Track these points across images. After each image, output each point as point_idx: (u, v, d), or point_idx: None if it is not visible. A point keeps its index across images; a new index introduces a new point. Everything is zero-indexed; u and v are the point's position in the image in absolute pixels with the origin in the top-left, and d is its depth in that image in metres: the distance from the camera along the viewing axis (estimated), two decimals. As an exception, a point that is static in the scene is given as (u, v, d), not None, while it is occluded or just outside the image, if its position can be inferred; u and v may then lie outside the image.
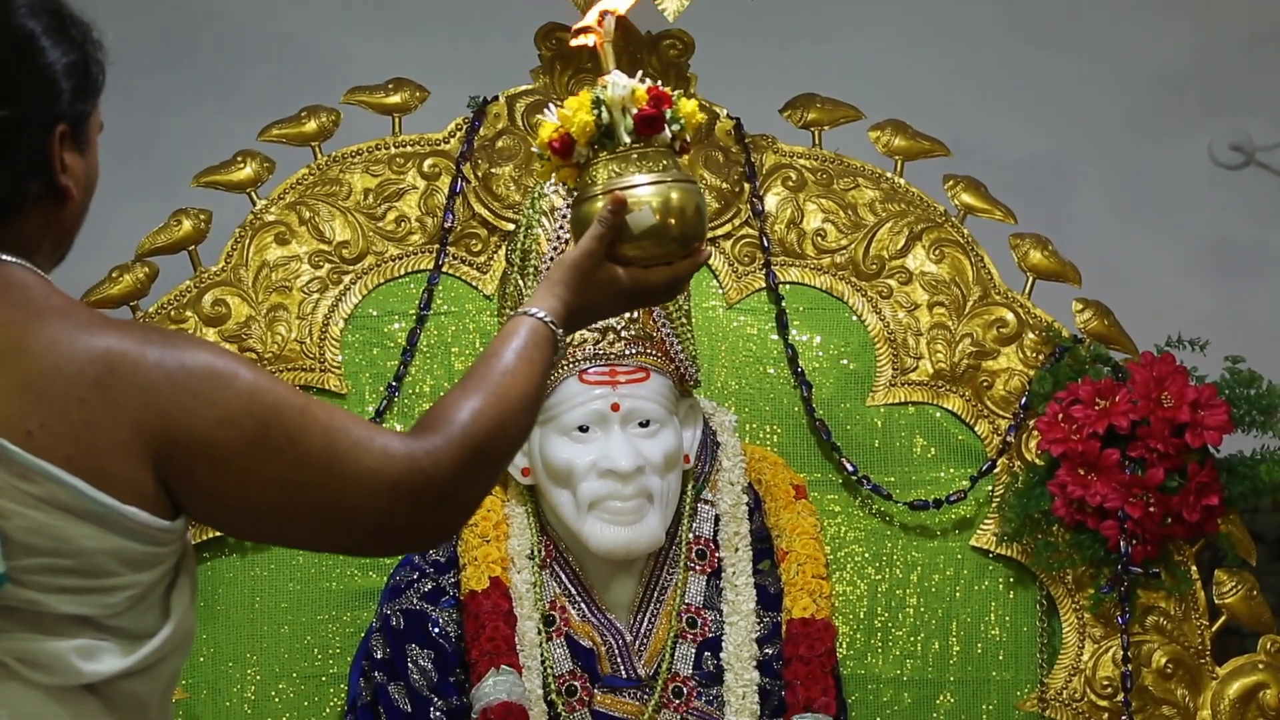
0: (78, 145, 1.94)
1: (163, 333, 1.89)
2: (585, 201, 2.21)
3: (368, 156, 3.55)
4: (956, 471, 3.53)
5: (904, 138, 3.59)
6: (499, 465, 2.01)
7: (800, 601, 3.30)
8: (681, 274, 2.21)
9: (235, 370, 1.87)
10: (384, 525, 1.92)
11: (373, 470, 1.89)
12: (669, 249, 2.19)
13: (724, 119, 3.58)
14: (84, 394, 1.82)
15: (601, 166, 2.22)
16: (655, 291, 2.21)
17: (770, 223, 3.57)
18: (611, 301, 2.19)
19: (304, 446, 1.87)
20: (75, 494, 1.81)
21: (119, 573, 1.83)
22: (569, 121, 2.23)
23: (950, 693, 3.50)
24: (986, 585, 3.52)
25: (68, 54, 1.92)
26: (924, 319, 3.56)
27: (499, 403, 1.99)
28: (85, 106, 1.94)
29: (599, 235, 2.16)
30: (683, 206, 2.19)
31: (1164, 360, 3.41)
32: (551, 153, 2.24)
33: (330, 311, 3.50)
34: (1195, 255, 4.73)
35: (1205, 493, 3.36)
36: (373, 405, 3.48)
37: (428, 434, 1.95)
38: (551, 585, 3.32)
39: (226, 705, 3.43)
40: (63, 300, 1.89)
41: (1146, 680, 3.44)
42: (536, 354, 2.06)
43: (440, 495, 1.93)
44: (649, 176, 2.20)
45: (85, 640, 1.83)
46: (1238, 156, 4.81)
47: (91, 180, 1.98)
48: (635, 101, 2.22)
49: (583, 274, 2.15)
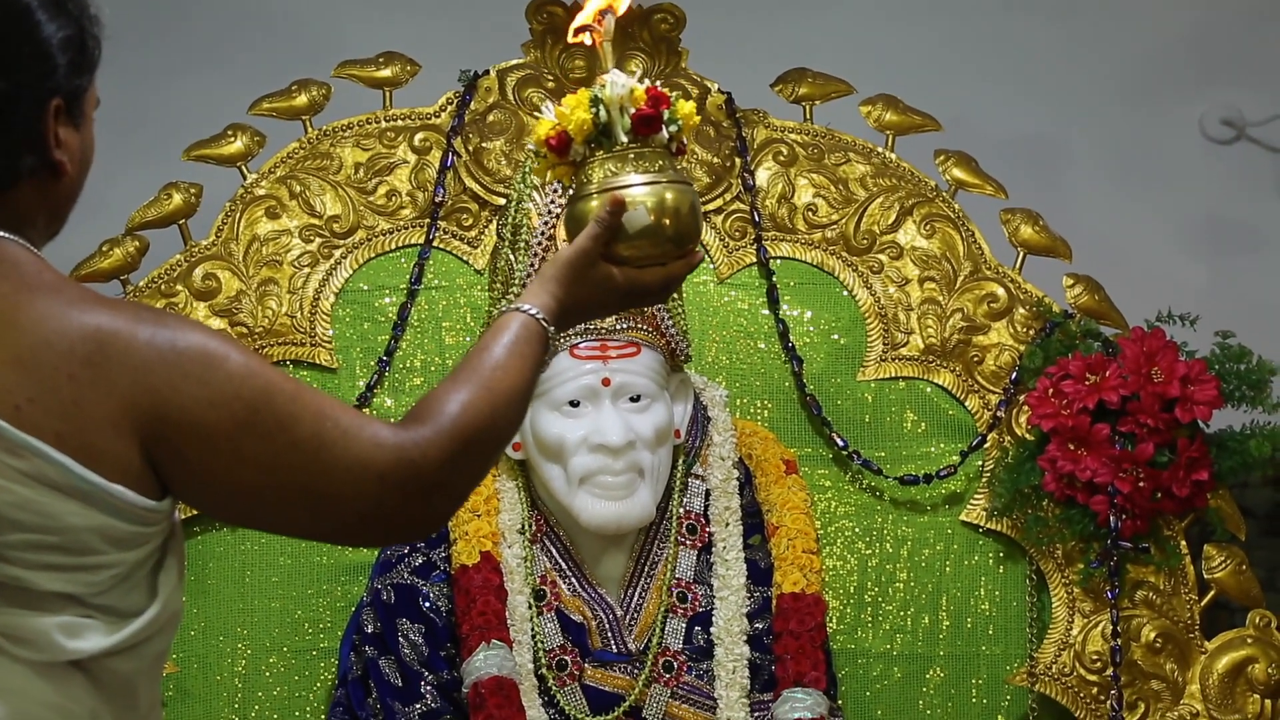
0: (73, 120, 1.93)
1: (155, 312, 1.88)
2: (580, 200, 2.21)
3: (358, 130, 3.55)
4: (947, 446, 3.54)
5: (895, 112, 3.59)
6: (487, 458, 2.01)
7: (790, 576, 3.30)
8: (675, 275, 2.21)
9: (227, 353, 1.87)
10: (371, 514, 1.91)
11: (361, 459, 1.89)
12: (664, 249, 2.18)
13: (715, 93, 3.58)
14: (74, 371, 1.82)
15: (598, 165, 2.22)
16: (649, 292, 2.21)
17: (761, 198, 3.57)
18: (604, 300, 2.19)
19: (293, 432, 1.87)
20: (63, 471, 1.80)
21: (104, 551, 1.83)
22: (566, 119, 2.22)
23: (940, 667, 3.51)
24: (976, 560, 3.53)
25: (64, 28, 1.91)
26: (915, 294, 3.56)
27: (489, 396, 1.99)
28: (81, 81, 1.93)
29: (595, 235, 2.16)
30: (678, 207, 2.19)
31: (1154, 335, 3.41)
32: (548, 150, 2.23)
33: (321, 286, 3.50)
34: (1186, 230, 4.73)
35: (1195, 468, 3.37)
36: (363, 380, 3.48)
37: (417, 425, 1.94)
38: (542, 560, 3.32)
39: (217, 679, 3.43)
40: (55, 276, 1.88)
41: (1135, 655, 3.45)
42: (527, 349, 2.06)
43: (428, 486, 1.93)
44: (645, 176, 2.19)
45: (69, 617, 1.83)
46: (1229, 131, 4.81)
47: (87, 156, 1.97)
48: (633, 101, 2.22)
49: (577, 272, 2.14)
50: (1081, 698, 3.44)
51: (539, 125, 2.25)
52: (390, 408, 3.49)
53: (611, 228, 2.16)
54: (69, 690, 1.84)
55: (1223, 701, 3.45)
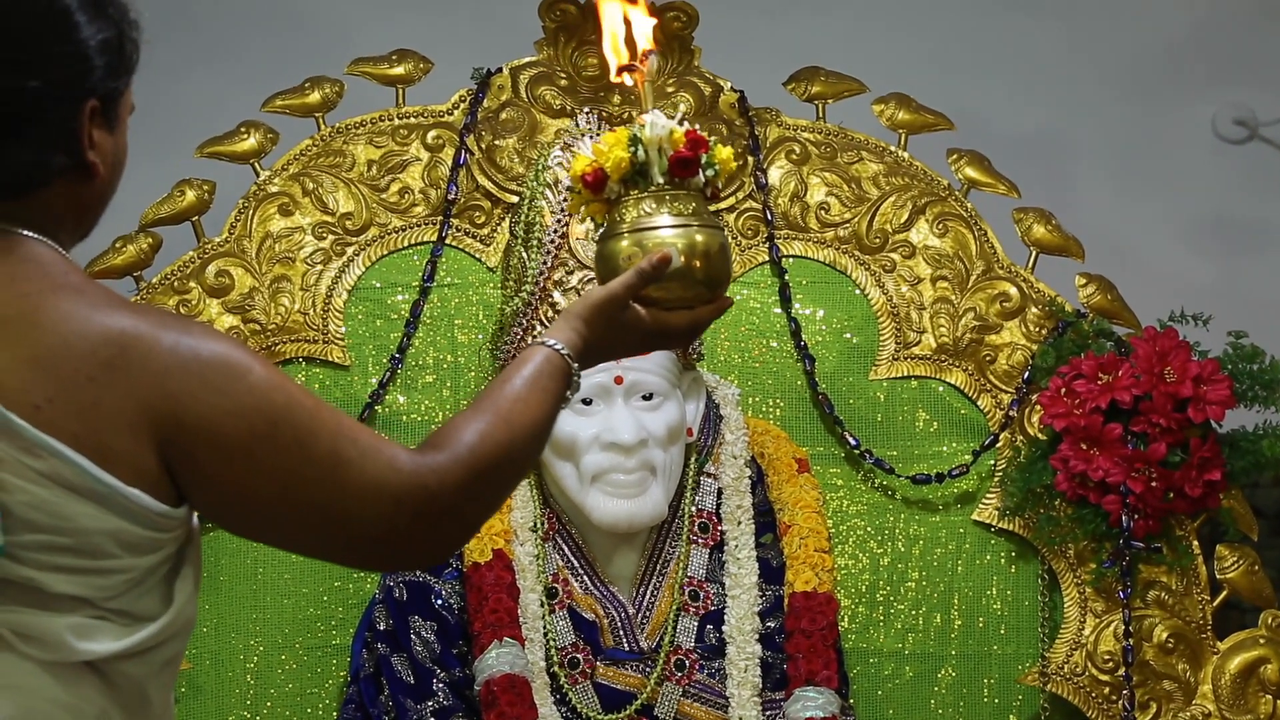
0: (107, 122, 1.93)
1: (179, 319, 1.88)
2: (612, 238, 2.20)
3: (371, 128, 3.55)
4: (959, 446, 3.54)
5: (908, 111, 3.59)
6: (502, 489, 2.01)
7: (802, 575, 3.30)
8: (702, 319, 2.21)
9: (250, 364, 1.86)
10: (382, 537, 1.91)
11: (377, 480, 1.89)
12: (694, 292, 2.18)
13: (728, 92, 3.58)
14: (94, 372, 1.82)
15: (632, 205, 2.21)
16: (675, 334, 2.20)
17: (774, 196, 3.57)
18: (630, 341, 2.18)
19: (311, 448, 1.87)
20: (79, 472, 1.80)
21: (116, 555, 1.83)
22: (604, 156, 2.22)
23: (951, 666, 3.51)
24: (988, 559, 3.53)
25: (103, 30, 1.91)
26: (927, 293, 3.56)
27: (507, 428, 1.99)
28: (118, 84, 1.93)
29: (630, 284, 2.15)
30: (710, 251, 2.18)
31: (1167, 335, 3.41)
32: (583, 186, 2.23)
33: (334, 283, 3.50)
34: (1198, 230, 4.73)
35: (1207, 468, 3.37)
36: (376, 377, 3.49)
37: (434, 451, 1.94)
38: (554, 558, 3.32)
39: (229, 676, 3.43)
40: (80, 278, 1.88)
41: (1147, 655, 3.45)
42: (550, 384, 2.06)
43: (441, 513, 1.92)
44: (679, 219, 2.19)
45: (81, 619, 1.82)
46: (1241, 131, 4.81)
47: (120, 159, 1.97)
48: (672, 143, 2.21)
49: (605, 314, 2.14)
50: (1093, 697, 3.44)
51: (576, 161, 2.25)
52: (402, 405, 3.50)
53: (651, 280, 2.15)
54: (79, 690, 1.83)
55: (1235, 702, 3.45)
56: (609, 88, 3.54)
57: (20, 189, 1.89)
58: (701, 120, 3.54)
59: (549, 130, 3.53)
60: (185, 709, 3.39)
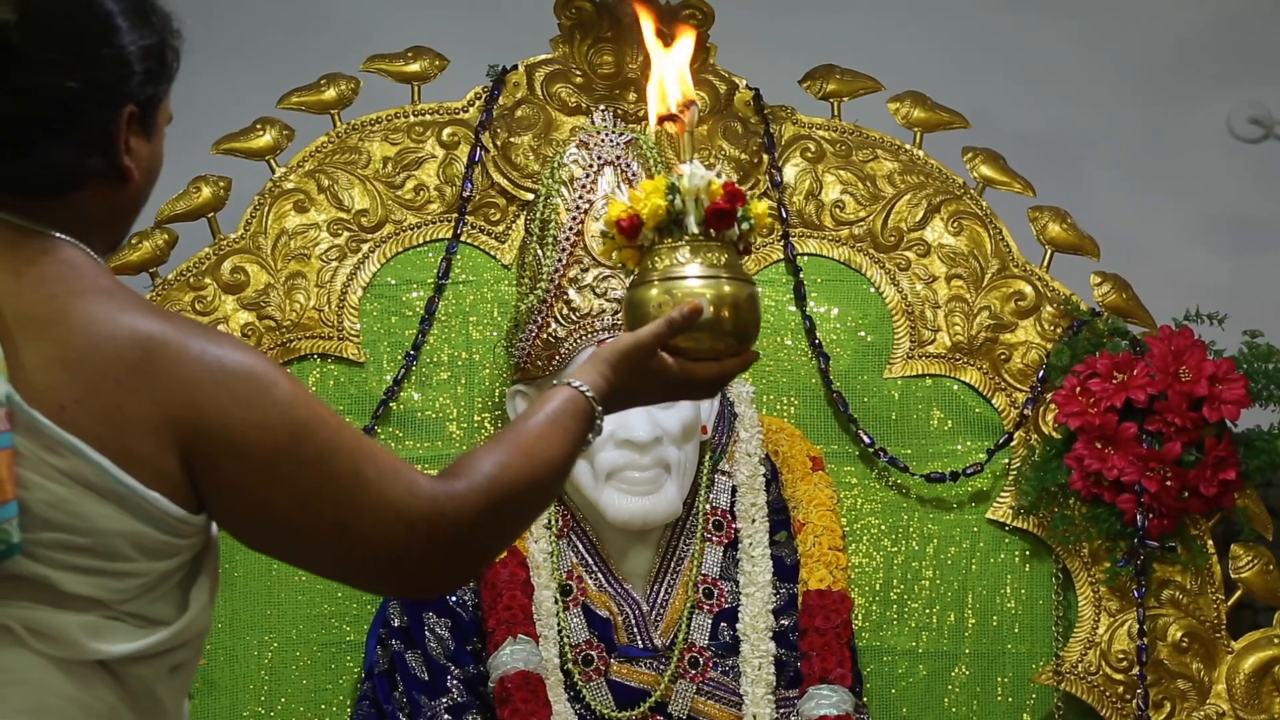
0: (145, 129, 1.94)
1: (208, 329, 1.89)
2: (642, 285, 2.20)
3: (387, 125, 3.55)
4: (973, 444, 3.54)
5: (923, 109, 3.59)
6: (519, 523, 2.02)
7: (816, 573, 3.31)
8: (728, 372, 2.21)
9: (276, 379, 1.87)
10: (396, 560, 1.91)
11: (395, 503, 1.90)
12: (724, 344, 2.18)
13: (743, 89, 3.58)
14: (120, 375, 1.82)
15: (665, 253, 2.21)
16: (699, 385, 2.20)
17: (789, 194, 3.57)
18: (655, 389, 2.18)
19: (331, 465, 1.87)
20: (100, 472, 1.81)
21: (132, 558, 1.83)
22: (640, 203, 2.21)
23: (965, 665, 3.51)
24: (1002, 558, 3.53)
25: (146, 37, 1.92)
26: (942, 291, 3.55)
27: (528, 462, 2.00)
28: (157, 91, 1.94)
29: (659, 333, 2.15)
30: (740, 304, 2.18)
31: (1182, 334, 3.41)
32: (618, 231, 2.22)
33: (349, 280, 3.50)
34: (1214, 229, 4.72)
35: (1222, 467, 3.36)
36: (390, 374, 3.49)
37: (453, 479, 1.95)
38: (568, 555, 3.33)
39: (244, 672, 3.44)
40: (111, 282, 1.89)
41: (1162, 654, 3.45)
42: (572, 424, 2.06)
43: (456, 540, 1.93)
44: (711, 270, 2.19)
45: (94, 618, 1.83)
46: (1256, 130, 4.80)
47: (155, 167, 1.98)
48: (710, 194, 2.20)
49: (633, 361, 2.14)
50: (1107, 697, 3.43)
51: (611, 206, 2.24)
52: (417, 402, 3.50)
53: (682, 329, 2.15)
54: (90, 687, 1.84)
55: (1249, 701, 3.45)
56: (624, 85, 3.54)
57: (55, 190, 1.90)
58: (717, 118, 3.54)
59: (564, 127, 3.53)
60: (200, 705, 3.40)
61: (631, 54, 3.56)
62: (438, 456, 3.49)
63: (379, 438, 3.48)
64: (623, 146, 3.35)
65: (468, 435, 3.51)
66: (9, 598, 1.81)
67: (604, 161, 3.33)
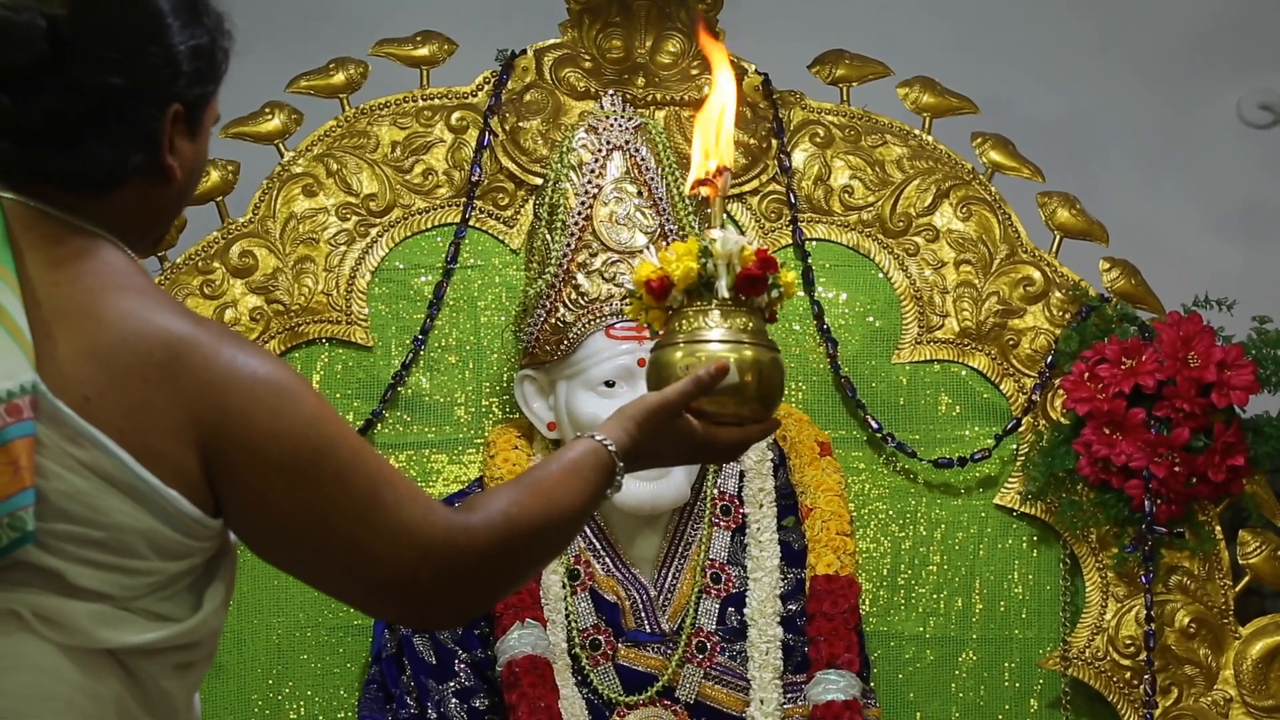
0: (190, 129, 1.94)
1: (240, 337, 1.90)
2: (668, 347, 2.20)
3: (395, 109, 3.55)
4: (981, 430, 3.53)
5: (932, 95, 3.58)
6: (530, 563, 2.02)
7: (824, 558, 3.31)
8: (750, 438, 2.20)
9: (304, 393, 1.88)
10: (404, 586, 1.91)
11: (409, 528, 1.90)
12: (749, 408, 2.18)
13: (752, 74, 3.58)
14: (148, 373, 1.83)
15: (693, 316, 2.21)
16: (721, 450, 2.20)
17: (797, 179, 3.57)
18: (677, 450, 2.18)
19: (350, 484, 1.88)
20: (120, 466, 1.81)
21: (145, 556, 1.83)
22: (671, 265, 2.21)
23: (973, 650, 3.51)
24: (1010, 543, 3.52)
25: (196, 37, 1.93)
26: (950, 277, 3.55)
27: (545, 506, 2.00)
28: (205, 91, 1.95)
29: (686, 392, 2.14)
30: (765, 370, 2.18)
31: (1191, 320, 3.40)
32: (646, 291, 2.22)
33: (357, 264, 3.50)
34: (1223, 215, 4.72)
35: (1230, 453, 3.36)
36: (398, 358, 3.49)
37: (470, 512, 1.96)
38: (576, 540, 3.33)
39: (251, 655, 3.44)
40: (145, 281, 1.89)
41: (1169, 640, 3.45)
42: (592, 475, 2.06)
43: (467, 573, 1.93)
44: (739, 335, 2.19)
45: (104, 607, 1.83)
46: (1266, 116, 4.79)
47: (198, 168, 1.98)
48: (742, 260, 2.20)
49: (658, 420, 2.14)
50: (1115, 682, 3.43)
51: (640, 267, 2.24)
52: (425, 386, 3.50)
53: (708, 389, 2.15)
54: (98, 675, 1.84)
55: (1256, 687, 3.44)
56: (633, 70, 3.54)
57: (97, 186, 1.90)
58: (725, 103, 3.54)
59: (573, 112, 3.53)
60: (208, 688, 3.40)
61: (640, 39, 3.56)
62: (445, 441, 3.49)
63: (387, 422, 3.48)
64: (631, 131, 3.35)
65: (476, 420, 3.51)
66: (19, 585, 1.81)
67: (613, 146, 3.33)
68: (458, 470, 3.49)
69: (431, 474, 3.49)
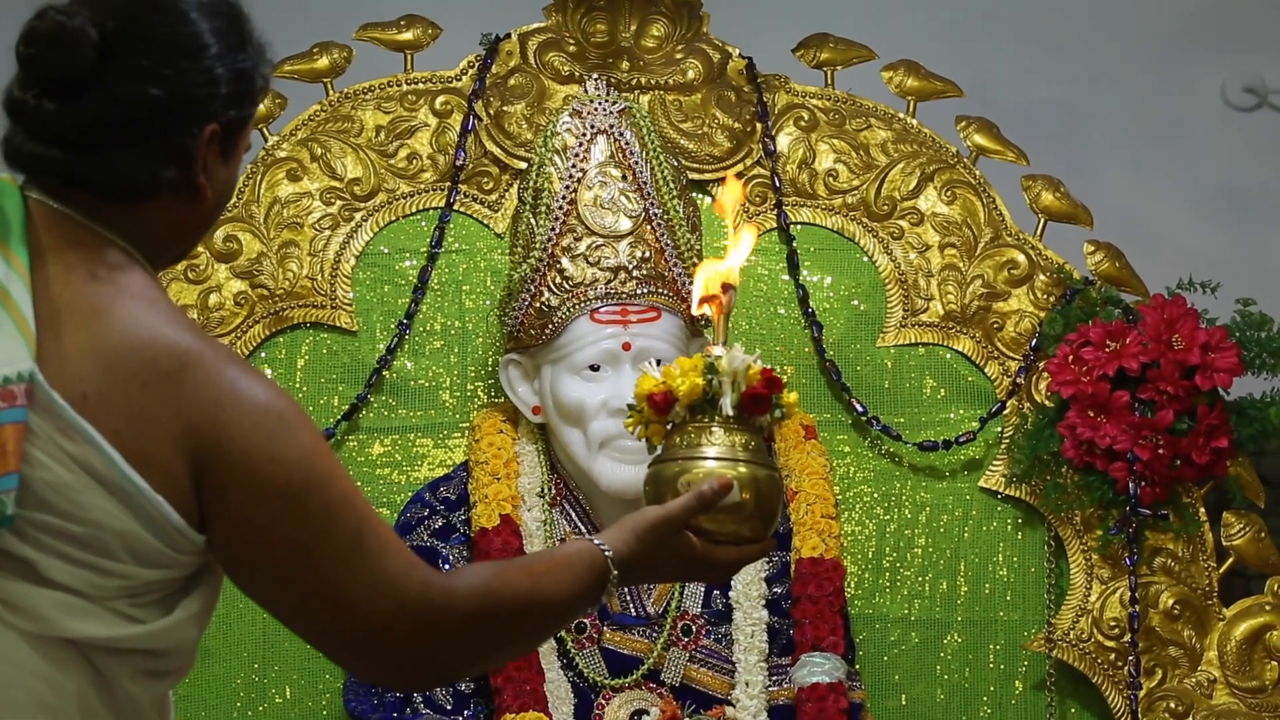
0: (224, 151, 1.96)
1: (244, 361, 1.92)
2: (669, 462, 2.19)
3: (379, 93, 3.55)
4: (966, 413, 3.54)
5: (917, 78, 3.59)
6: (504, 641, 2.00)
7: (809, 541, 3.31)
8: (747, 557, 2.20)
9: (303, 425, 1.89)
10: (374, 635, 1.91)
11: (388, 577, 1.90)
12: (748, 527, 2.17)
13: (736, 58, 3.58)
14: (149, 380, 1.84)
15: (694, 432, 2.20)
16: (716, 568, 2.19)
17: (782, 163, 3.57)
18: (674, 566, 2.18)
19: (336, 522, 1.88)
20: (110, 464, 1.82)
21: (121, 559, 1.84)
22: (675, 380, 2.20)
23: (957, 632, 3.52)
24: (995, 526, 3.53)
25: (240, 61, 1.95)
26: (935, 260, 3.55)
27: (530, 587, 2.00)
28: (241, 114, 1.96)
29: (689, 508, 2.14)
30: (764, 490, 2.18)
31: (1175, 303, 3.41)
32: (648, 405, 2.22)
33: (341, 249, 3.50)
34: (1207, 198, 4.72)
35: (1214, 435, 3.37)
36: (383, 343, 3.49)
37: (452, 577, 1.97)
38: (561, 523, 3.33)
39: (237, 639, 3.44)
40: (158, 294, 1.91)
41: (1153, 621, 3.45)
42: (585, 575, 2.06)
43: (438, 636, 1.93)
44: (740, 453, 2.18)
45: (72, 598, 1.83)
46: (1250, 99, 4.80)
47: (227, 190, 2.00)
48: (748, 379, 2.20)
49: (658, 533, 2.13)
50: (1099, 664, 3.44)
51: (642, 380, 2.23)
52: (410, 371, 3.50)
53: (709, 505, 2.14)
54: (61, 666, 1.84)
55: (1240, 668, 3.45)
56: (617, 54, 3.54)
57: (126, 196, 1.92)
58: (710, 87, 3.54)
59: (557, 96, 3.52)
60: (193, 672, 3.37)
61: (624, 23, 3.55)
62: (430, 425, 3.49)
63: (372, 406, 3.48)
64: (616, 115, 3.35)
65: (461, 404, 3.51)
66: None
67: (597, 130, 3.33)
68: (443, 454, 3.49)
69: (416, 458, 3.49)
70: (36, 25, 1.89)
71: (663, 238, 3.29)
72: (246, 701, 3.44)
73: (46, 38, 1.88)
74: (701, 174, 3.53)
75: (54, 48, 1.87)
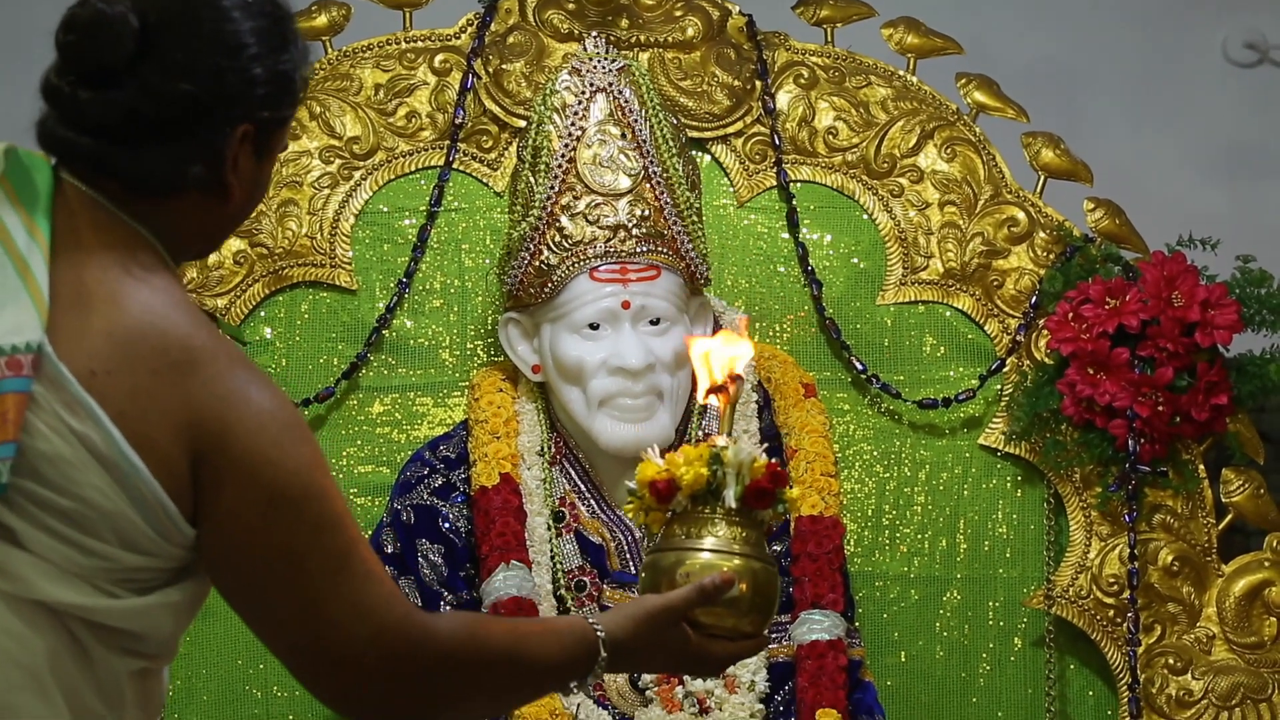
0: (257, 150, 1.95)
1: (256, 366, 1.91)
2: (669, 551, 2.18)
3: (379, 51, 3.54)
4: (966, 370, 3.54)
5: (917, 35, 3.58)
6: (471, 694, 1.98)
7: (809, 499, 3.31)
8: (742, 654, 2.20)
9: (307, 438, 1.90)
10: (345, 661, 1.90)
11: (369, 603, 1.90)
12: (748, 620, 2.16)
13: (736, 16, 3.57)
14: (158, 366, 1.84)
15: (697, 522, 2.18)
16: (710, 662, 2.18)
17: (782, 121, 3.56)
18: (668, 658, 2.17)
19: (325, 539, 1.88)
20: (110, 441, 1.82)
21: (105, 539, 1.84)
22: (678, 468, 2.18)
23: (957, 590, 3.52)
24: (994, 483, 3.53)
25: (279, 63, 1.94)
26: (935, 218, 3.55)
27: (513, 644, 2.00)
28: (277, 116, 1.95)
29: (689, 599, 2.13)
30: (762, 585, 2.17)
31: (1175, 259, 3.41)
32: (650, 492, 2.20)
33: (341, 207, 3.50)
34: (1207, 154, 4.72)
35: (1214, 392, 3.37)
36: (383, 301, 3.49)
37: (436, 618, 1.97)
38: (561, 481, 3.34)
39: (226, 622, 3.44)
40: (176, 288, 1.91)
41: (1153, 578, 3.46)
42: (573, 648, 2.05)
43: (411, 671, 1.92)
44: (741, 547, 2.17)
45: (50, 565, 1.83)
46: (1251, 55, 4.79)
47: (258, 192, 1.99)
48: (753, 472, 2.19)
49: (656, 625, 2.12)
50: (1098, 620, 3.45)
51: (644, 467, 2.22)
52: (409, 329, 3.50)
53: (710, 598, 2.13)
54: (34, 626, 1.84)
55: (1239, 624, 3.46)
56: (616, 11, 3.53)
57: (154, 189, 1.91)
58: (710, 45, 3.53)
59: (556, 55, 3.52)
60: (196, 630, 3.40)
61: (623, -20, 3.54)
62: (430, 384, 3.49)
63: (371, 365, 3.49)
64: (615, 73, 3.34)
65: (460, 363, 3.51)
66: None
67: (596, 88, 3.32)
68: (443, 413, 3.50)
69: (416, 417, 3.50)
70: (77, 12, 1.89)
71: (662, 196, 3.29)
72: (248, 659, 3.45)
73: (86, 25, 1.87)
74: (701, 132, 3.53)
75: (93, 36, 1.87)
